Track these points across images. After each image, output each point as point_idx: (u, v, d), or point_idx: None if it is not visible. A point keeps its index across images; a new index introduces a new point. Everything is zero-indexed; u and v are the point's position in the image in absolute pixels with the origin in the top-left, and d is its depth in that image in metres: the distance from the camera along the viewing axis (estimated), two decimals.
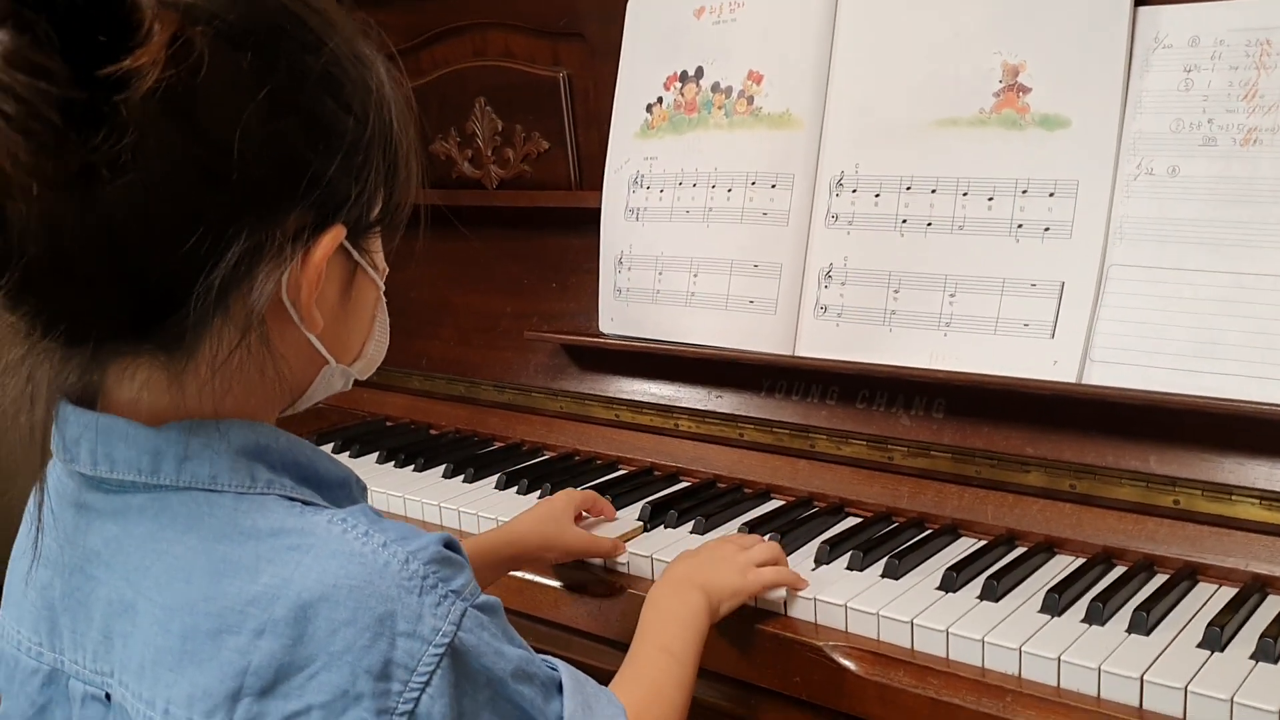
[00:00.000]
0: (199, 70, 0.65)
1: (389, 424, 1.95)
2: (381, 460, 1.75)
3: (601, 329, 1.70)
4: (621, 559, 1.33)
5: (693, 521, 1.39)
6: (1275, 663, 1.00)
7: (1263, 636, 1.02)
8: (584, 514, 1.39)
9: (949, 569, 1.20)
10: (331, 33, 0.73)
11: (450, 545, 0.75)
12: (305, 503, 0.75)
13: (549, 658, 0.83)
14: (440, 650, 0.70)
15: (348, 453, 1.79)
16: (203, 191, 0.67)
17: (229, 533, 0.72)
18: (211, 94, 0.66)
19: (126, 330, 0.71)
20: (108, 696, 0.75)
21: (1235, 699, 0.94)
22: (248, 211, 0.69)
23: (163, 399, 0.75)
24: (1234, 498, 1.18)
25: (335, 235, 0.74)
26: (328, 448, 1.82)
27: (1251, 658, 1.01)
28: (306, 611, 0.68)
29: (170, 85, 0.64)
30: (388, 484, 1.63)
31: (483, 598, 0.75)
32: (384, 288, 0.87)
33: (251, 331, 0.73)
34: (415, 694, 0.69)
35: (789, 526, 1.34)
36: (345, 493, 0.81)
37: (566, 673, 0.82)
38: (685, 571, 1.14)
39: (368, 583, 0.69)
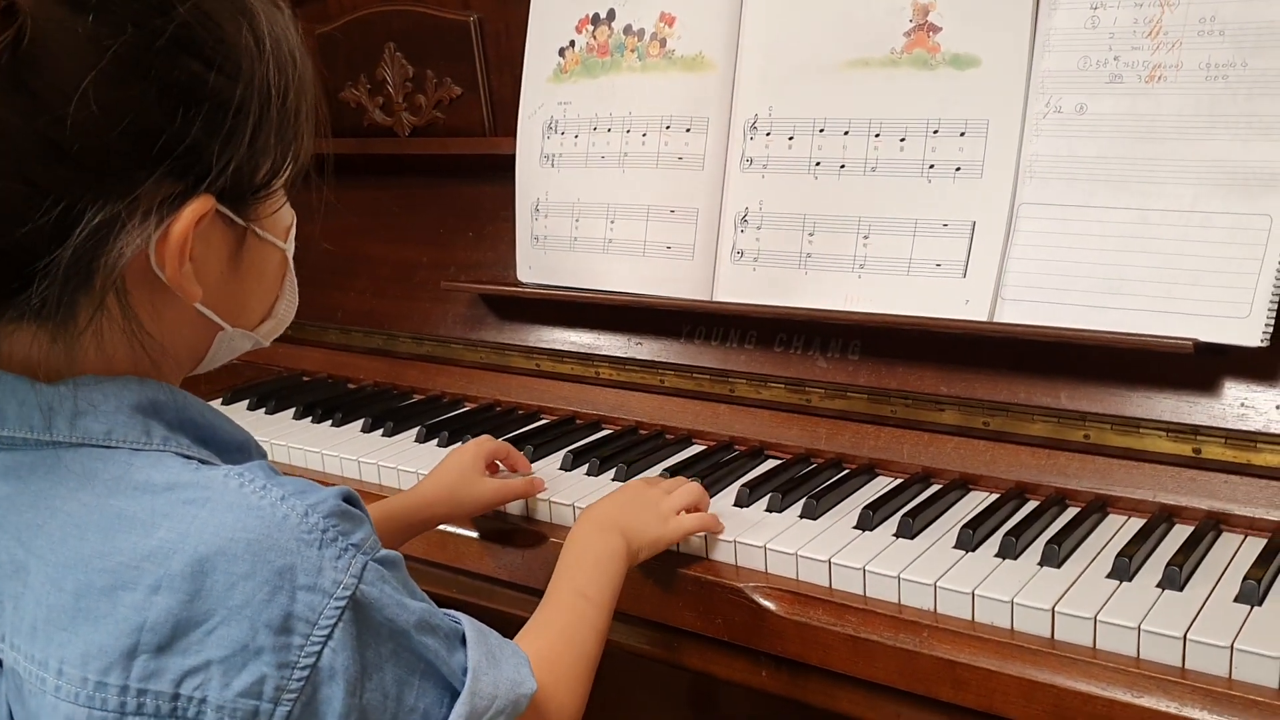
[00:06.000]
0: (29, 38, 0.62)
1: (305, 379, 1.92)
2: (298, 415, 1.72)
3: (520, 278, 1.69)
4: (543, 508, 1.32)
5: (615, 469, 1.39)
6: (1180, 590, 1.02)
7: (1169, 565, 1.04)
8: (499, 465, 1.37)
9: (865, 508, 1.21)
10: None
11: (349, 499, 0.74)
12: (202, 460, 0.74)
13: (451, 611, 0.82)
14: (341, 603, 0.69)
15: (264, 409, 1.76)
16: (44, 166, 0.65)
17: (123, 488, 0.70)
18: (47, 63, 0.63)
19: None
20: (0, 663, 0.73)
21: (1142, 626, 0.97)
22: (95, 184, 0.66)
23: (50, 359, 0.72)
24: (1142, 431, 1.20)
25: (198, 207, 0.71)
26: (242, 404, 1.79)
27: (1158, 586, 1.03)
28: (203, 566, 0.67)
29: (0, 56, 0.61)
30: (305, 439, 1.61)
31: (384, 552, 0.74)
32: (291, 245, 0.84)
33: (110, 302, 0.70)
34: (317, 647, 0.68)
35: (710, 470, 1.35)
36: (244, 455, 0.79)
37: (469, 625, 0.81)
38: (607, 513, 1.14)
39: (266, 536, 0.68)
